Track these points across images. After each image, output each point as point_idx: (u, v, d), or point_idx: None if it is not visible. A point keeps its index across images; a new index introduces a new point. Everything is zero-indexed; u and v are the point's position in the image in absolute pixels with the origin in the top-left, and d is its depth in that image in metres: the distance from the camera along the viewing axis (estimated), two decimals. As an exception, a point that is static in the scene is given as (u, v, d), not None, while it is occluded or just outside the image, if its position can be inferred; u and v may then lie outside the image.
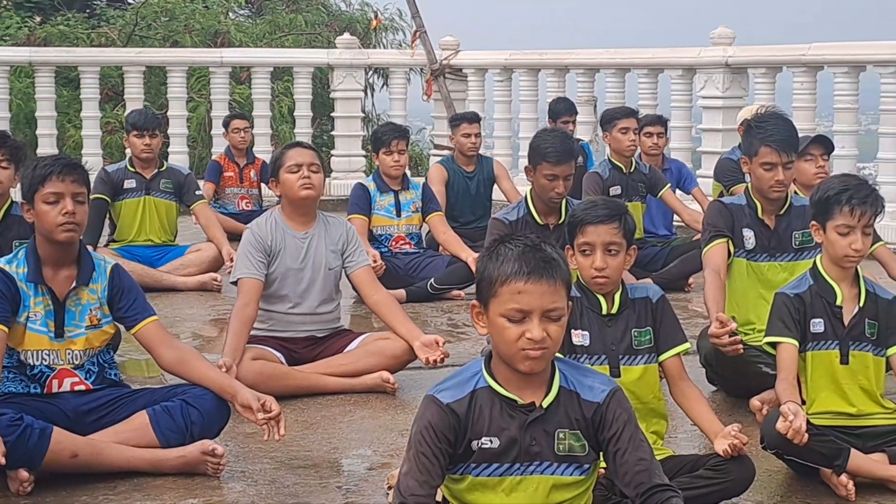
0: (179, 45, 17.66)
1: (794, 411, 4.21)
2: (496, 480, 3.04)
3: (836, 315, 4.58)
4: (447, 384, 3.10)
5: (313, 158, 5.83)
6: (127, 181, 8.63)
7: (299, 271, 5.78)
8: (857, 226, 4.55)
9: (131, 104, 12.62)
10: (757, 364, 5.18)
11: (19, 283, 4.52)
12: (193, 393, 4.63)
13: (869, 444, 4.41)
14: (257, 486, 4.44)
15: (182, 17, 18.99)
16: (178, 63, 13.65)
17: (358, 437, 5.11)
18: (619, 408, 3.09)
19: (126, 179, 8.64)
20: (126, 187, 8.62)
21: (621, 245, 4.12)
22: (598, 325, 4.16)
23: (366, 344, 5.81)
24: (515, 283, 2.98)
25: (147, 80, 13.78)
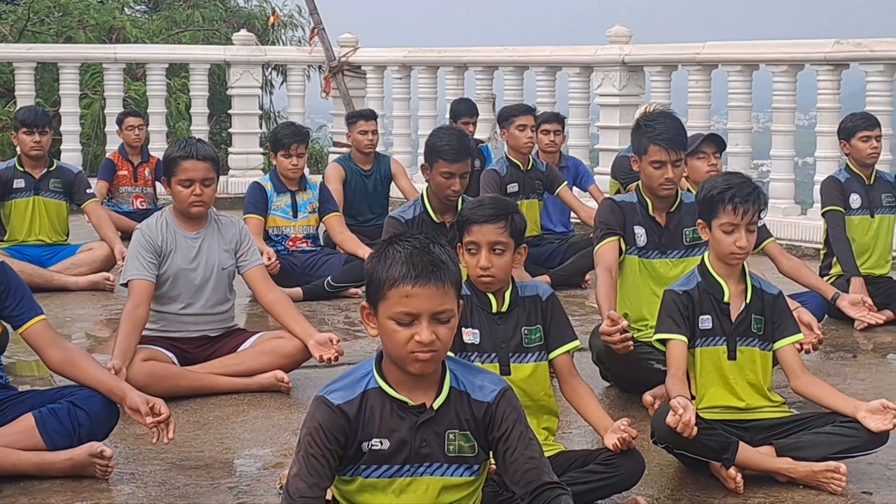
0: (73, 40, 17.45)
1: (683, 406, 4.27)
2: (386, 482, 3.05)
3: (724, 311, 4.64)
4: (337, 385, 3.09)
5: (207, 172, 5.75)
6: (16, 180, 8.54)
7: (191, 271, 5.74)
8: (741, 224, 4.63)
9: (22, 101, 12.47)
10: (648, 360, 5.24)
11: None
12: (81, 395, 4.59)
13: (757, 438, 4.49)
14: (147, 488, 4.41)
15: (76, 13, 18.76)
16: (71, 59, 13.50)
17: (251, 436, 5.10)
18: (509, 407, 3.11)
19: (15, 179, 8.54)
20: (15, 187, 8.53)
21: (507, 245, 4.13)
22: (489, 323, 4.17)
23: (260, 343, 5.80)
24: (403, 287, 2.98)
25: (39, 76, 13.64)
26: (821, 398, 4.62)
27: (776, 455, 4.45)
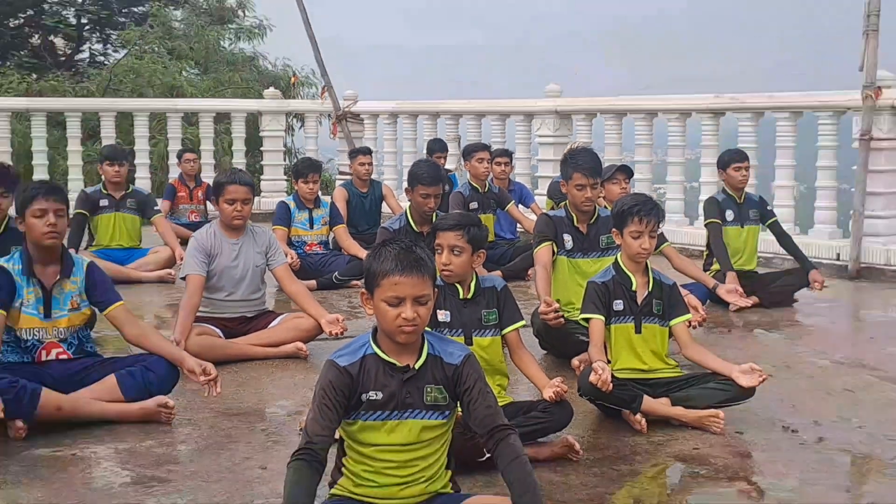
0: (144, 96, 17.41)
1: (602, 368, 4.31)
2: (380, 424, 3.04)
3: (632, 297, 4.66)
4: (343, 352, 3.09)
5: (246, 194, 5.75)
6: (101, 200, 8.51)
7: (233, 268, 5.74)
8: (645, 231, 4.65)
9: (106, 141, 12.39)
10: (575, 334, 5.24)
11: (15, 276, 4.49)
12: (151, 360, 4.65)
13: (657, 392, 4.51)
14: (200, 430, 4.44)
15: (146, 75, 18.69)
16: (143, 110, 13.47)
17: (278, 391, 5.10)
18: (471, 368, 3.11)
19: (101, 199, 8.51)
20: (101, 205, 8.50)
21: (464, 248, 4.11)
22: (457, 306, 4.16)
23: (284, 321, 5.81)
24: (393, 277, 2.99)
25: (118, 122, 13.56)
26: (705, 362, 4.63)
27: (671, 405, 4.48)
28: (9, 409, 4.08)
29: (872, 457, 4.14)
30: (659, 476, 3.95)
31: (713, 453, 4.13)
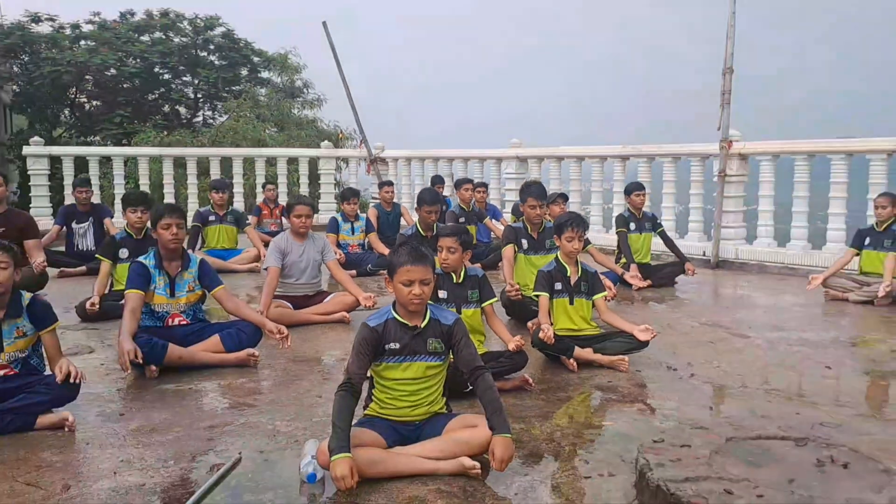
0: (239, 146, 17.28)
1: (547, 328, 4.30)
2: (397, 364, 3.02)
3: (567, 281, 4.64)
4: (373, 317, 3.07)
5: (308, 212, 5.68)
6: (210, 216, 8.43)
7: (299, 262, 5.68)
8: (576, 236, 4.64)
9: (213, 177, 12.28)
10: (530, 306, 5.22)
11: (150, 269, 4.46)
12: (242, 324, 4.62)
13: (584, 344, 4.48)
14: (276, 371, 4.41)
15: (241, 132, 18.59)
16: (238, 155, 13.34)
17: (330, 345, 5.05)
18: (460, 328, 3.09)
19: (209, 216, 8.44)
20: (210, 220, 8.43)
21: (458, 249, 4.11)
22: (451, 288, 4.14)
23: (334, 298, 5.74)
24: (406, 266, 2.98)
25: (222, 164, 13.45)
26: (616, 323, 4.61)
27: (593, 352, 4.46)
28: (146, 356, 4.07)
29: (726, 386, 4.13)
30: (585, 400, 3.93)
31: (622, 385, 4.13)
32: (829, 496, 2.41)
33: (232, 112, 20.03)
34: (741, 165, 8.80)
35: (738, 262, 8.59)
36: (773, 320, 5.80)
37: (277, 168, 13.27)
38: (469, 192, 8.64)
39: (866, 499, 2.39)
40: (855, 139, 8.16)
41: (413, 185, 12.73)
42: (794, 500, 2.37)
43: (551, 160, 10.85)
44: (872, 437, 2.93)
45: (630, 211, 7.56)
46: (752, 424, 3.07)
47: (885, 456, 2.71)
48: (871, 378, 4.34)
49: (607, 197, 10.59)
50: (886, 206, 6.56)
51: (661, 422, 3.52)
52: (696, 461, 2.69)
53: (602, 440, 3.31)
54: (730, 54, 8.43)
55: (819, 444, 2.85)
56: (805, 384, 4.21)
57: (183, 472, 2.98)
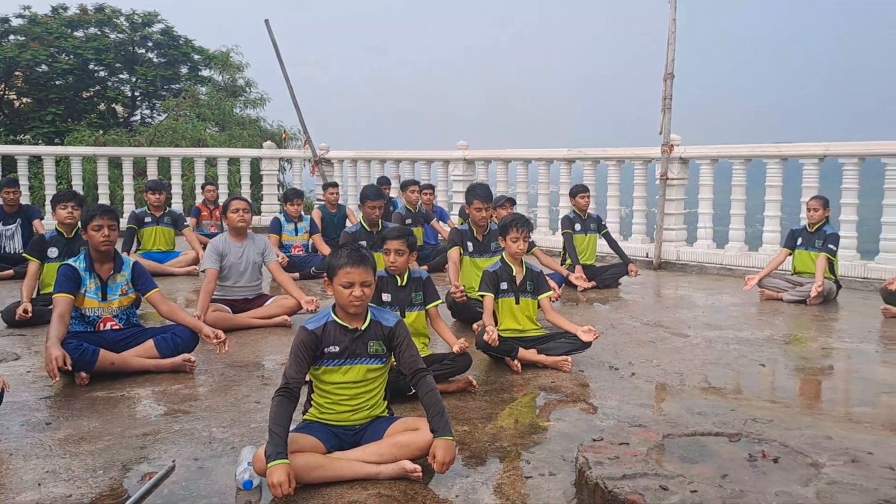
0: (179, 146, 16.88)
1: (491, 330, 4.33)
2: (337, 368, 2.99)
3: (513, 280, 4.67)
4: (312, 320, 3.03)
5: (244, 206, 5.63)
6: (146, 218, 8.21)
7: (239, 264, 5.59)
8: (521, 237, 4.67)
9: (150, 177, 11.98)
10: (475, 308, 5.25)
11: (80, 272, 4.31)
12: (178, 329, 4.50)
13: (528, 345, 4.52)
14: (213, 377, 4.32)
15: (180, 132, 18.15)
16: (177, 155, 13.02)
17: (270, 349, 4.98)
18: (401, 329, 3.08)
19: (145, 217, 8.22)
20: (146, 221, 8.20)
21: (405, 251, 4.09)
22: (395, 291, 4.12)
23: (275, 301, 5.66)
24: (346, 269, 2.95)
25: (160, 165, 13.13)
26: (560, 324, 4.66)
27: (538, 353, 4.50)
28: (75, 363, 3.94)
29: (665, 384, 4.23)
30: (529, 401, 3.96)
31: (564, 385, 4.18)
32: (760, 490, 2.49)
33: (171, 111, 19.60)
34: (682, 169, 9.04)
35: (680, 264, 8.82)
36: (712, 320, 5.97)
37: (218, 169, 13.02)
38: (415, 194, 8.63)
39: (794, 492, 2.47)
40: (788, 144, 8.48)
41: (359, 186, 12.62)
42: (726, 495, 2.44)
43: (498, 162, 10.94)
44: (802, 431, 3.03)
45: (575, 212, 7.69)
46: (689, 421, 3.15)
47: (813, 450, 2.82)
48: (803, 375, 4.51)
49: (553, 199, 10.74)
50: (818, 209, 6.83)
51: (601, 421, 3.58)
52: (634, 458, 2.74)
53: (544, 440, 3.34)
54: (671, 60, 8.65)
55: (751, 439, 2.94)
56: (740, 382, 4.35)
57: (112, 482, 2.89)
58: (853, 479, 2.56)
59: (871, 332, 5.59)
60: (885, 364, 4.73)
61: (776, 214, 8.39)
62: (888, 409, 3.82)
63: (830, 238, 6.72)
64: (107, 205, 4.77)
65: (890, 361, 4.78)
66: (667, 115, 8.78)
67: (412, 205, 8.62)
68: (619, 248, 7.76)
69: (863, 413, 3.74)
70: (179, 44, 21.89)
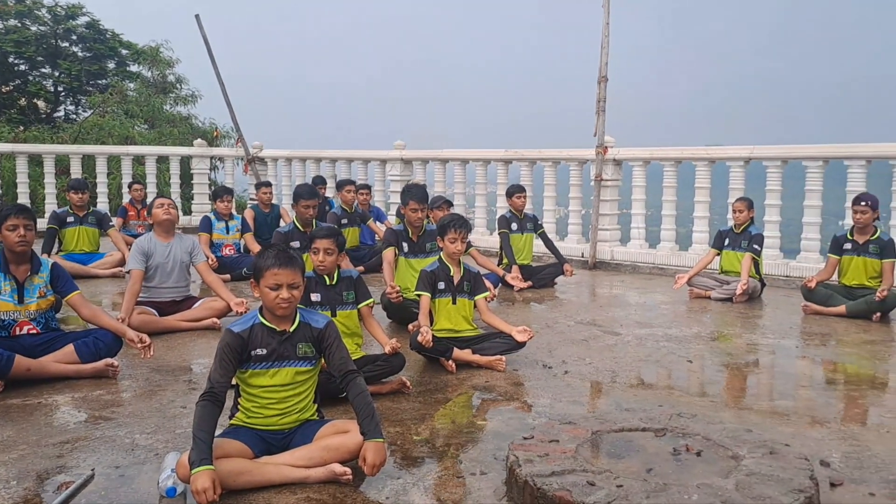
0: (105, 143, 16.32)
1: (426, 331, 4.33)
2: (264, 371, 2.94)
3: (450, 280, 4.68)
4: (238, 322, 2.97)
5: (169, 202, 5.53)
6: (68, 218, 7.93)
7: (165, 264, 5.45)
8: (458, 238, 4.69)
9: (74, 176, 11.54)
10: (410, 308, 5.23)
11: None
12: (100, 333, 4.36)
13: (463, 345, 4.54)
14: (138, 381, 4.19)
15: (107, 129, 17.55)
16: (102, 153, 12.55)
17: (198, 352, 4.87)
18: (331, 331, 3.05)
19: (67, 217, 7.93)
20: (68, 221, 7.92)
21: (334, 251, 4.05)
22: (325, 290, 4.08)
23: (203, 303, 5.54)
24: (273, 270, 2.91)
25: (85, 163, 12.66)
26: (495, 324, 4.70)
27: (472, 353, 4.53)
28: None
29: (597, 382, 4.32)
30: (463, 401, 3.98)
31: (498, 384, 4.22)
32: (682, 482, 2.57)
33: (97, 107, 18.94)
34: (616, 170, 9.26)
35: (614, 263, 9.02)
36: (643, 318, 6.13)
37: (146, 167, 12.65)
38: (351, 194, 8.57)
39: (714, 484, 2.56)
40: (716, 147, 8.79)
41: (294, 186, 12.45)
42: (650, 488, 2.51)
43: (436, 163, 10.96)
44: (724, 425, 3.14)
45: (512, 212, 7.77)
46: (617, 417, 3.22)
47: (733, 443, 2.92)
48: (728, 370, 4.68)
49: (491, 199, 10.83)
50: (743, 210, 7.10)
51: (534, 419, 3.63)
52: (563, 455, 2.79)
53: (477, 440, 3.36)
54: (604, 63, 8.85)
55: (676, 433, 3.04)
56: (668, 378, 4.48)
57: (27, 493, 2.77)
58: (770, 471, 2.66)
59: (793, 328, 5.85)
60: (805, 359, 4.95)
61: (705, 215, 8.68)
62: (806, 402, 4.00)
63: (755, 238, 6.99)
64: (22, 204, 4.56)
65: (809, 356, 5.01)
66: (601, 117, 8.98)
67: (348, 205, 8.55)
68: (554, 247, 7.88)
69: (783, 406, 3.91)
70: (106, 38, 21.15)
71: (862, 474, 3.01)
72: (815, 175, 7.85)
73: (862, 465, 3.11)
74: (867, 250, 6.28)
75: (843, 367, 4.76)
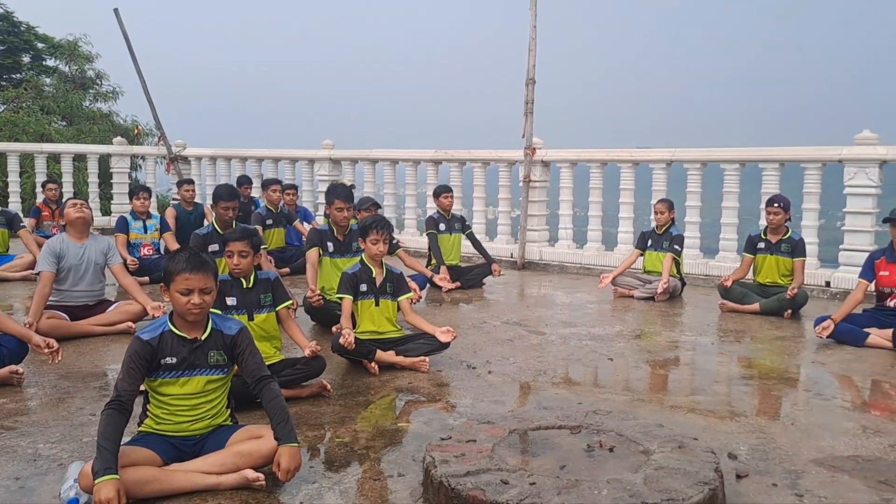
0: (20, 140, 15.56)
1: (348, 333, 4.31)
2: (174, 379, 2.87)
3: (373, 282, 4.66)
4: (147, 329, 2.89)
5: (82, 201, 5.39)
6: None
7: (78, 266, 5.25)
8: (381, 239, 4.67)
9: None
10: (334, 311, 5.19)
11: None
12: (4, 338, 4.16)
13: (387, 346, 4.53)
14: (44, 389, 4.03)
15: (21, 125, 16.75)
16: (14, 151, 12.02)
17: (111, 358, 4.70)
18: (244, 337, 2.99)
19: None
20: None
21: (249, 252, 3.98)
22: (242, 294, 4.00)
23: (118, 307, 5.37)
24: (184, 274, 2.84)
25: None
26: (419, 325, 4.70)
27: (396, 355, 4.52)
28: None
29: (520, 381, 4.38)
30: (385, 403, 3.97)
31: (422, 385, 4.23)
32: (594, 478, 2.64)
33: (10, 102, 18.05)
34: (544, 172, 9.42)
35: (542, 263, 9.18)
36: (568, 317, 6.25)
37: (63, 166, 12.16)
38: (277, 194, 8.44)
39: (624, 478, 2.64)
40: (639, 150, 9.06)
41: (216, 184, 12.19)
42: (562, 485, 2.56)
43: (365, 162, 10.91)
44: (637, 421, 3.24)
45: (440, 213, 7.81)
46: (536, 416, 3.28)
47: (645, 438, 3.02)
48: (647, 367, 4.82)
49: (421, 200, 10.84)
50: (664, 212, 7.34)
51: (454, 419, 3.65)
52: (479, 455, 2.82)
53: (397, 442, 3.36)
54: (532, 66, 9.00)
55: (591, 430, 3.11)
56: (589, 376, 4.59)
57: (-88, 514, 2.62)
58: (678, 464, 2.76)
59: (710, 325, 6.07)
60: (721, 355, 5.14)
61: (630, 216, 8.92)
62: (719, 397, 4.16)
63: (676, 239, 7.23)
64: None
65: (724, 353, 5.21)
66: (529, 119, 9.12)
67: (274, 205, 8.41)
68: (482, 248, 7.95)
69: (697, 401, 4.05)
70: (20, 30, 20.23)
71: (767, 465, 3.16)
72: (732, 177, 8.18)
73: (767, 456, 3.25)
74: (780, 249, 6.57)
75: (756, 362, 4.98)
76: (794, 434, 3.54)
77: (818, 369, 4.81)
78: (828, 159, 7.62)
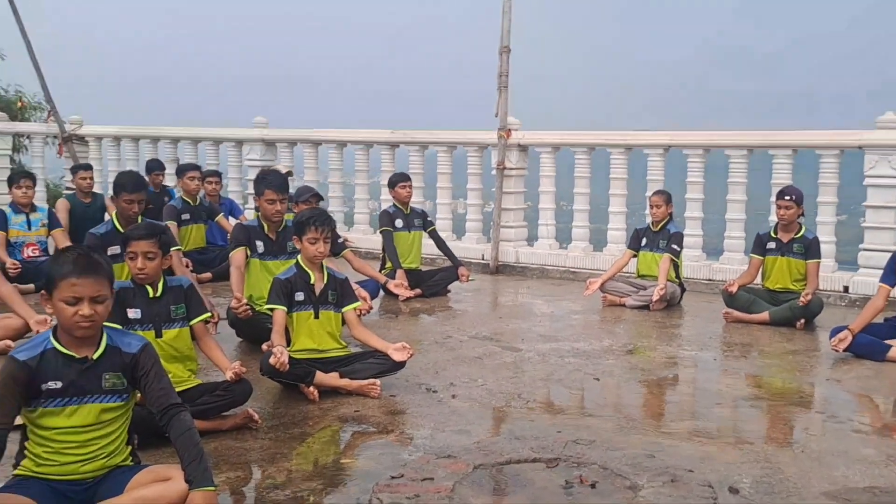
0: None
1: (280, 352, 4.27)
2: (59, 409, 2.78)
3: (311, 289, 4.62)
4: (23, 347, 2.82)
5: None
6: None
7: None
8: (320, 237, 4.64)
9: None
10: (265, 323, 5.08)
11: None
12: None
13: (329, 367, 4.50)
14: None
15: None
16: None
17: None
18: (148, 356, 2.93)
19: None
20: None
21: (157, 253, 3.90)
22: (147, 304, 3.90)
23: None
24: (70, 279, 2.77)
25: None
26: (368, 341, 4.68)
27: (340, 377, 4.49)
28: None
29: (490, 406, 4.38)
30: (326, 435, 3.94)
31: (371, 413, 4.20)
32: (573, 521, 2.64)
33: None
34: (521, 157, 9.45)
35: (519, 266, 9.20)
36: (549, 330, 6.28)
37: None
38: (195, 182, 8.33)
39: (609, 520, 2.65)
40: (633, 132, 9.13)
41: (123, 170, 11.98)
42: (534, 530, 2.56)
43: (306, 145, 10.84)
44: (624, 451, 3.26)
45: (396, 206, 7.77)
46: (505, 448, 3.28)
47: (633, 471, 3.03)
48: (640, 388, 4.85)
49: (374, 191, 10.81)
50: (661, 205, 7.41)
51: (409, 454, 3.63)
52: (437, 495, 2.81)
53: (339, 482, 3.33)
54: (506, 31, 9.02)
55: (570, 463, 3.12)
56: (571, 399, 4.60)
57: None
58: (670, 501, 2.78)
59: (713, 338, 6.15)
60: (724, 373, 5.21)
61: (622, 210, 8.99)
62: (720, 422, 4.21)
63: (674, 237, 7.31)
64: None
65: (728, 370, 5.27)
66: (503, 94, 9.14)
67: (192, 196, 8.29)
68: (447, 248, 7.94)
69: (696, 427, 4.08)
70: None
71: (772, 500, 3.19)
72: (739, 166, 8.29)
73: (773, 489, 3.29)
74: (792, 250, 6.68)
75: (764, 380, 5.05)
76: (805, 463, 3.60)
77: (833, 388, 4.90)
78: (846, 145, 7.78)
